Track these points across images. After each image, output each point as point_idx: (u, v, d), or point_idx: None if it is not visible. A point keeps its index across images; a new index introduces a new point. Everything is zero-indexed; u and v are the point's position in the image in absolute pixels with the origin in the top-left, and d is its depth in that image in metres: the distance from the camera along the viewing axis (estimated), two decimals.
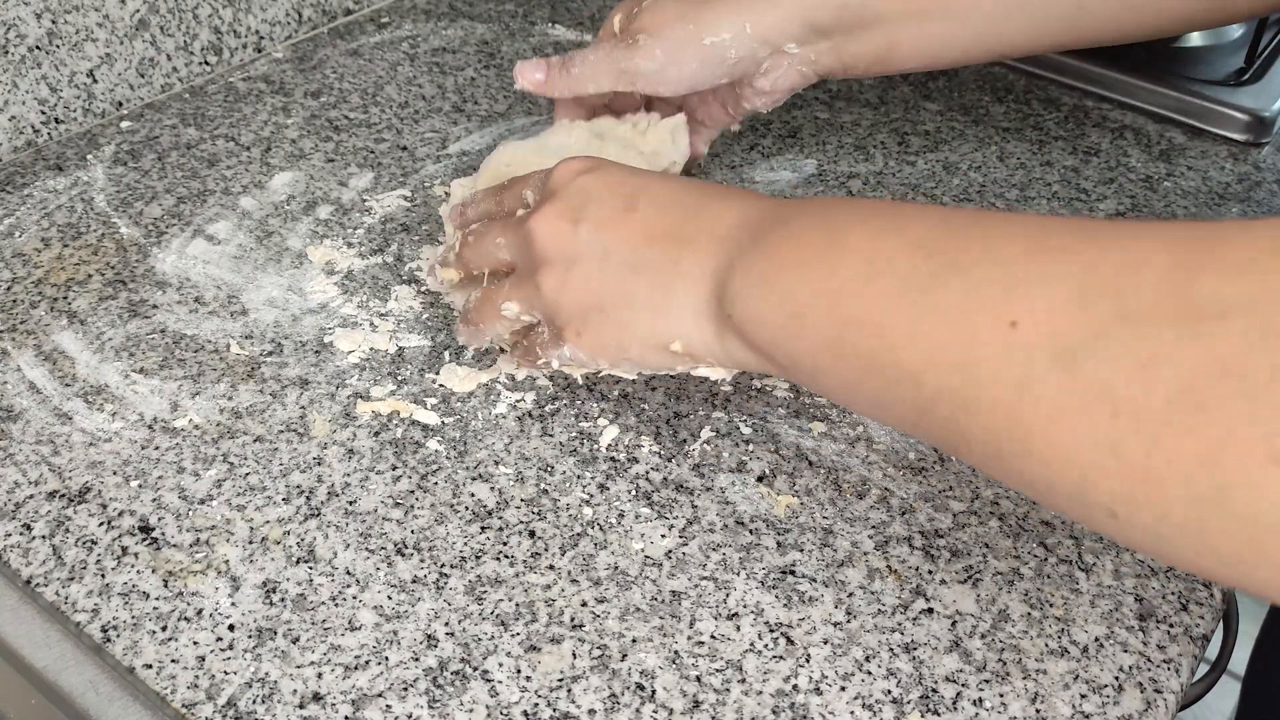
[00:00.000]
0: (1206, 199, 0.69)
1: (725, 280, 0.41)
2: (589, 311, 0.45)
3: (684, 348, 0.44)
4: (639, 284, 0.44)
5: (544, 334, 0.47)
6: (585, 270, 0.45)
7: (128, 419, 0.50)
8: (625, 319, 0.44)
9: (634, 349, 0.45)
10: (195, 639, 0.42)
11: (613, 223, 0.44)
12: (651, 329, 0.44)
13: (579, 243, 0.45)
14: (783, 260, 0.40)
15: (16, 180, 0.65)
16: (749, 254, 0.41)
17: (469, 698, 0.41)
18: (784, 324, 0.39)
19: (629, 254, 0.44)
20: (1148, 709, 0.42)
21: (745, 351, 0.42)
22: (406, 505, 0.47)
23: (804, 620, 0.44)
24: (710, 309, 0.42)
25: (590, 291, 0.45)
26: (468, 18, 0.83)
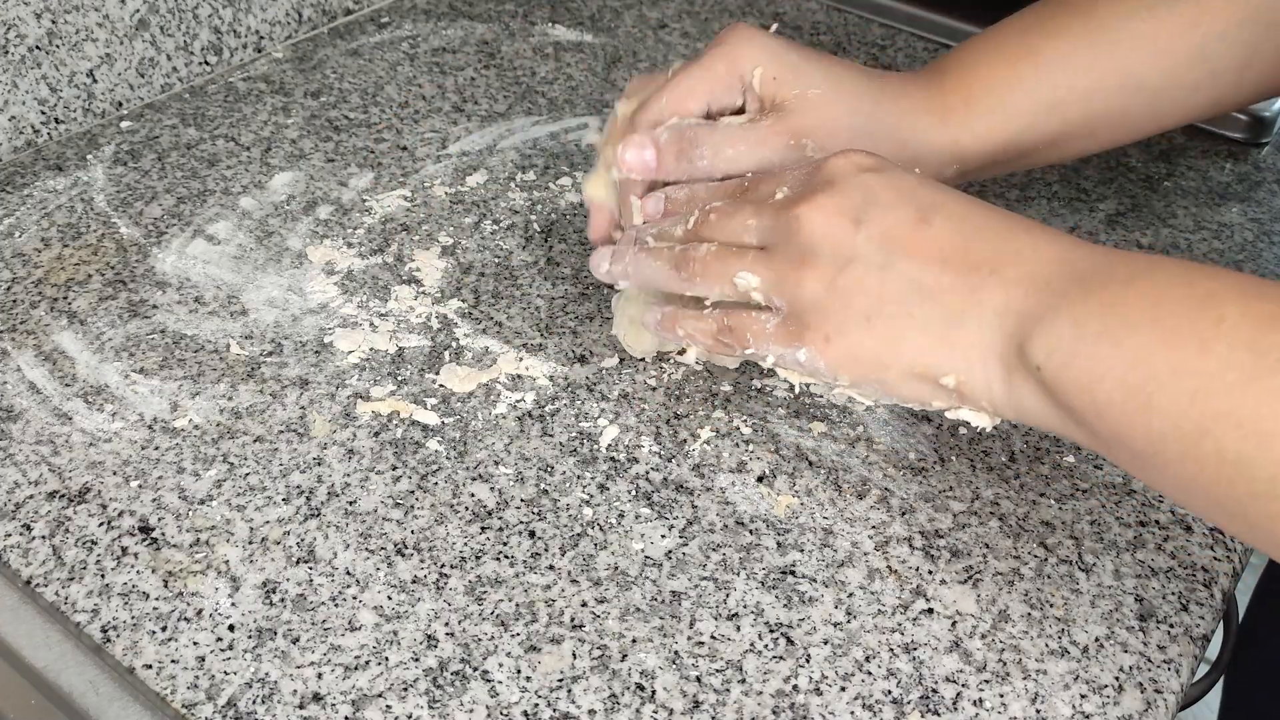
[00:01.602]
0: (1206, 199, 0.69)
1: (1037, 326, 0.37)
2: (852, 320, 0.40)
3: (958, 385, 0.39)
4: (923, 305, 0.39)
5: (769, 325, 0.43)
6: (860, 275, 0.40)
7: (128, 419, 0.50)
8: (895, 338, 0.40)
9: (894, 372, 0.40)
10: (195, 639, 0.42)
11: (901, 234, 0.40)
12: (924, 357, 0.39)
13: (857, 245, 0.40)
14: (1133, 319, 0.34)
15: (16, 180, 0.65)
16: (1080, 302, 0.36)
17: (469, 698, 0.41)
18: (1121, 397, 0.34)
19: (917, 271, 0.39)
20: (1148, 709, 0.42)
21: (1043, 408, 0.37)
22: (406, 505, 0.47)
23: (804, 620, 0.44)
24: (1006, 352, 0.38)
25: (862, 299, 0.40)
26: (468, 18, 0.83)
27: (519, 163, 0.68)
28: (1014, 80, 0.51)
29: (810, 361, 0.41)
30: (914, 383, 0.40)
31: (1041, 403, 0.37)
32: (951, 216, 0.40)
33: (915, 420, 0.52)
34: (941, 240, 0.39)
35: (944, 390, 0.40)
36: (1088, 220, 0.66)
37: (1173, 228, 0.66)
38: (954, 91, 0.51)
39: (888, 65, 0.80)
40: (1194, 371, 0.33)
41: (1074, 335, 0.36)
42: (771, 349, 0.43)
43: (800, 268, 0.41)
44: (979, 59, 0.51)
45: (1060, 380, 0.36)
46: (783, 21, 0.85)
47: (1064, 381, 0.36)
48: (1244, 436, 0.32)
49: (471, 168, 0.67)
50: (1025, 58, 0.51)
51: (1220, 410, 0.32)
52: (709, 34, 0.83)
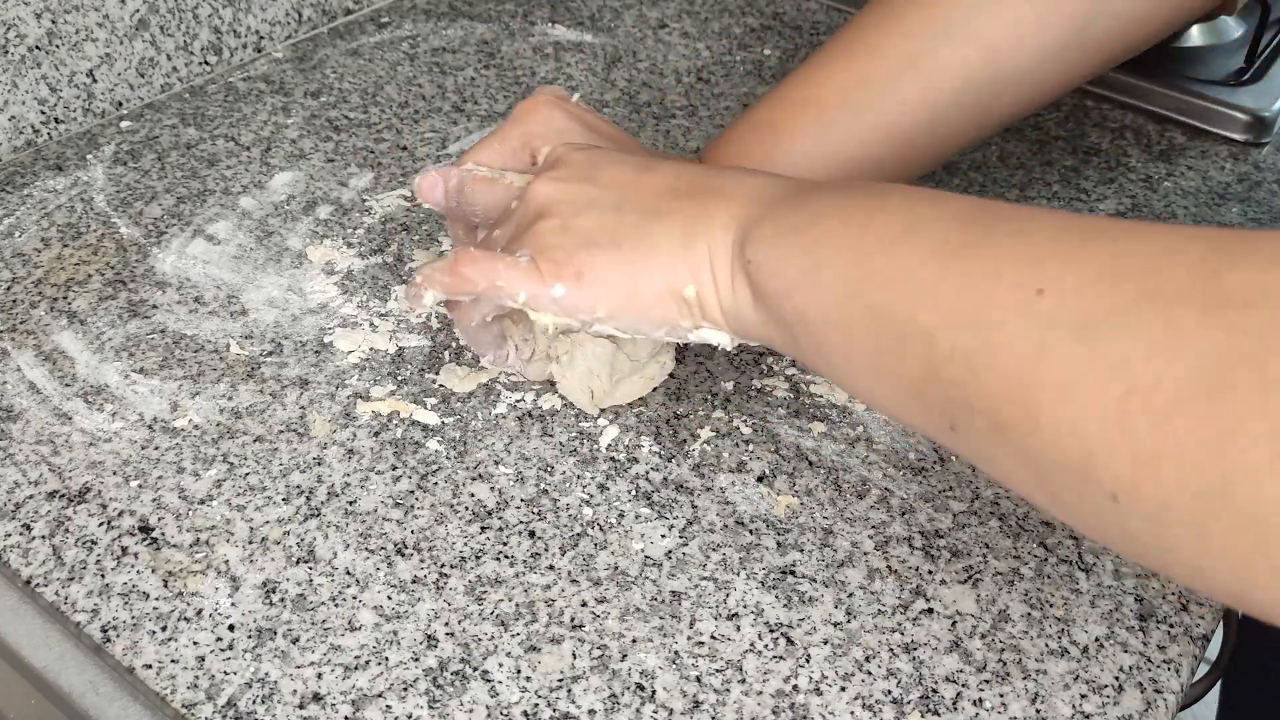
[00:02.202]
0: (1206, 199, 0.69)
1: (752, 228, 0.41)
2: (600, 250, 0.43)
3: (697, 295, 0.42)
4: (659, 228, 0.43)
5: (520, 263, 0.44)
6: (597, 215, 0.43)
7: (128, 419, 0.50)
8: (641, 259, 0.43)
9: (645, 291, 0.43)
10: (195, 639, 0.42)
11: (629, 181, 0.44)
12: (668, 272, 0.42)
13: (588, 194, 0.44)
14: (819, 211, 0.39)
15: (16, 180, 0.65)
16: (783, 205, 0.41)
17: (469, 698, 0.41)
18: (802, 274, 0.39)
19: (650, 203, 0.43)
20: (1148, 709, 0.42)
21: (753, 306, 0.41)
22: (406, 505, 0.47)
23: (804, 620, 0.44)
24: (730, 256, 0.42)
25: (603, 231, 0.43)
26: (468, 18, 0.83)
27: None
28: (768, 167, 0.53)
29: (567, 297, 0.43)
30: (663, 301, 0.43)
31: (752, 302, 0.41)
32: (671, 167, 0.45)
33: None
34: (668, 180, 0.44)
35: (687, 305, 0.43)
36: None
37: None
38: None
39: None
40: (854, 244, 0.37)
41: (774, 231, 0.40)
42: (521, 285, 0.44)
43: (536, 219, 0.44)
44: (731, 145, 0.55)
45: (761, 271, 0.40)
46: (782, 21, 0.85)
47: (763, 271, 0.40)
48: (884, 289, 0.36)
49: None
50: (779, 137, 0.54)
51: (869, 271, 0.36)
52: (709, 34, 0.83)
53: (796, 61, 0.80)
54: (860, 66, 0.53)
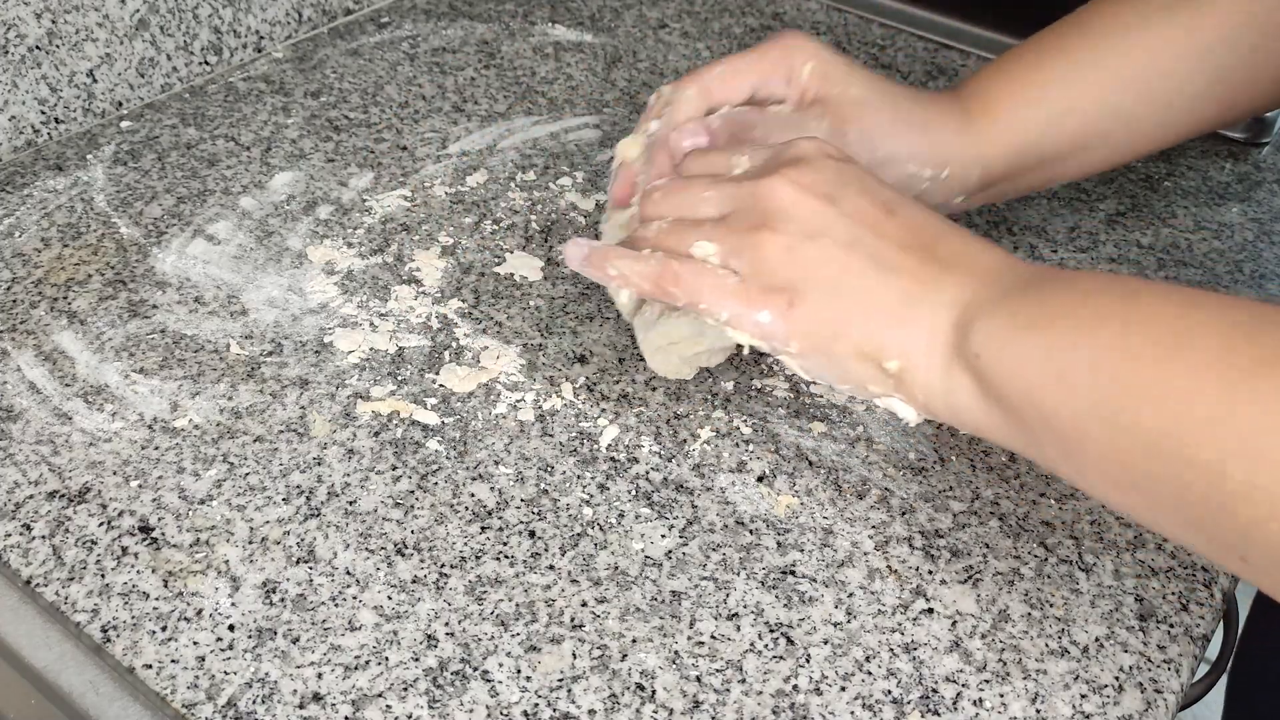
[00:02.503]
0: (1206, 199, 0.69)
1: (978, 316, 0.38)
2: (817, 287, 0.41)
3: (899, 369, 0.40)
4: (884, 284, 0.40)
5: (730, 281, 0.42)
6: (827, 247, 0.41)
7: (128, 419, 0.50)
8: (853, 313, 0.40)
9: (843, 346, 0.41)
10: (195, 639, 0.42)
11: (869, 218, 0.41)
12: (875, 335, 0.40)
13: (829, 219, 0.41)
14: (1061, 308, 0.36)
15: (16, 180, 0.65)
16: (1017, 296, 0.38)
17: (469, 698, 0.41)
18: (1050, 379, 0.36)
19: (882, 251, 0.41)
20: (1148, 709, 0.42)
21: (974, 398, 0.39)
22: (406, 505, 0.47)
23: (804, 620, 0.44)
24: (949, 340, 0.39)
25: (828, 268, 0.41)
26: (468, 17, 0.83)
27: (519, 163, 0.68)
28: (1026, 93, 0.53)
29: (770, 325, 0.42)
30: (861, 362, 0.41)
31: (974, 394, 0.39)
32: (913, 215, 0.42)
33: None
34: (904, 231, 0.41)
35: (884, 375, 0.41)
36: (1088, 220, 0.66)
37: (1173, 228, 0.66)
38: (975, 104, 0.53)
39: (887, 65, 0.80)
40: (1115, 351, 0.34)
41: (1009, 324, 0.37)
42: (729, 307, 0.42)
43: (764, 232, 0.41)
44: (995, 77, 0.54)
45: (993, 367, 0.37)
46: (782, 21, 0.85)
47: (996, 368, 0.37)
48: (1157, 410, 0.33)
49: (471, 168, 0.67)
50: (1035, 73, 0.53)
51: (1137, 385, 0.33)
52: (709, 34, 0.83)
53: None
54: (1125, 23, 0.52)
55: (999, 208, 0.66)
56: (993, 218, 0.66)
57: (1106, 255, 0.64)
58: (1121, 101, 0.53)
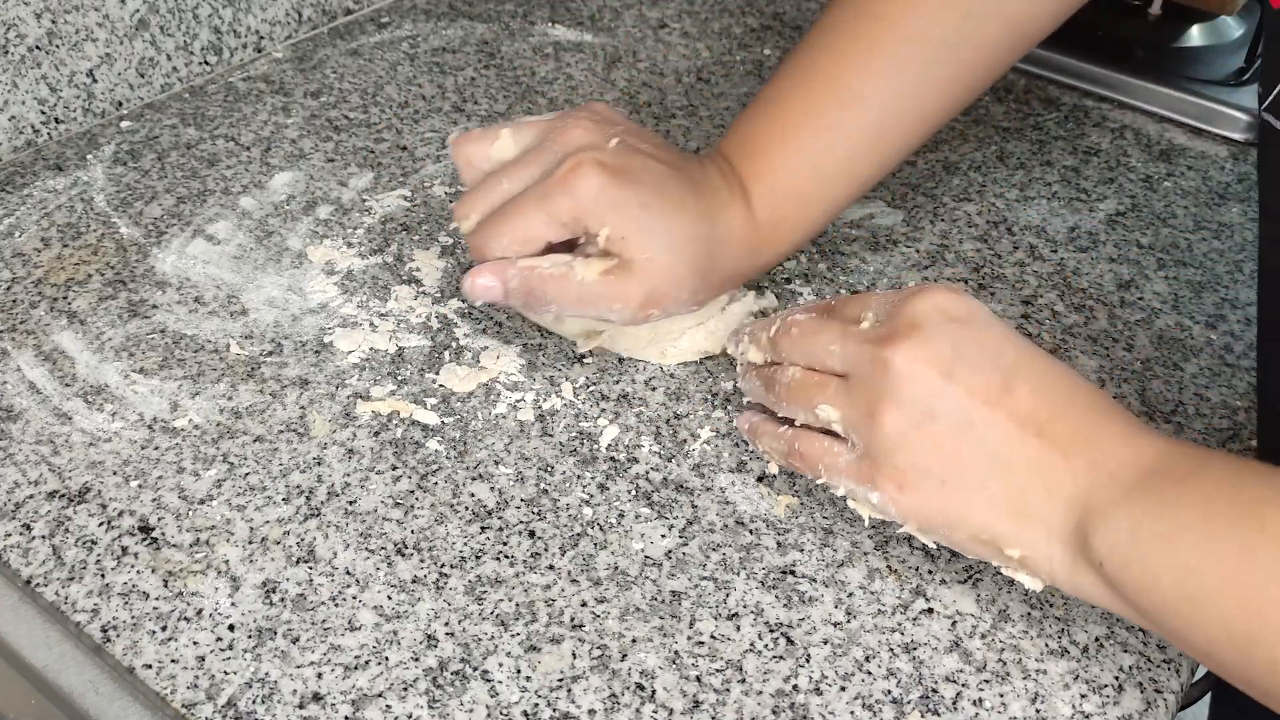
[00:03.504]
0: (1206, 199, 0.69)
1: (1100, 522, 0.38)
2: (926, 476, 0.41)
3: (1021, 558, 0.40)
4: (996, 477, 0.40)
5: (841, 459, 0.43)
6: (940, 432, 0.40)
7: (127, 419, 0.50)
8: (964, 505, 0.40)
9: (960, 534, 0.41)
10: (195, 639, 0.42)
11: (985, 397, 0.40)
12: (992, 527, 0.40)
13: (943, 399, 0.40)
14: (1184, 522, 0.36)
15: (16, 180, 0.65)
16: (1138, 501, 0.37)
17: (469, 698, 0.41)
18: (1178, 602, 0.36)
19: (996, 439, 0.40)
20: (1148, 709, 0.42)
21: (1103, 594, 0.39)
22: (406, 505, 0.47)
23: (804, 620, 0.44)
24: (1071, 539, 0.39)
25: (938, 458, 0.41)
26: (468, 17, 0.84)
27: None
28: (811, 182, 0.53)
29: (882, 504, 0.42)
30: (979, 546, 0.41)
31: (1104, 592, 0.39)
32: (1035, 385, 0.41)
33: None
34: (1023, 410, 0.40)
35: (1007, 558, 0.41)
36: (1088, 220, 0.66)
37: (1173, 228, 0.66)
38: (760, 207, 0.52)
39: None
40: (1241, 581, 0.34)
41: (1132, 537, 0.37)
42: (844, 482, 0.43)
43: (880, 407, 0.41)
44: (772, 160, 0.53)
45: (1121, 579, 0.37)
46: (782, 21, 0.85)
47: (1124, 581, 0.37)
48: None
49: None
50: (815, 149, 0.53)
51: (1269, 620, 0.33)
52: (709, 34, 0.83)
53: None
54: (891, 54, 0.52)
55: (999, 206, 0.66)
56: (993, 217, 0.66)
57: (1106, 255, 0.64)
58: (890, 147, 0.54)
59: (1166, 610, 0.36)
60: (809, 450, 0.45)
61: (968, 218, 0.66)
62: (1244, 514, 0.35)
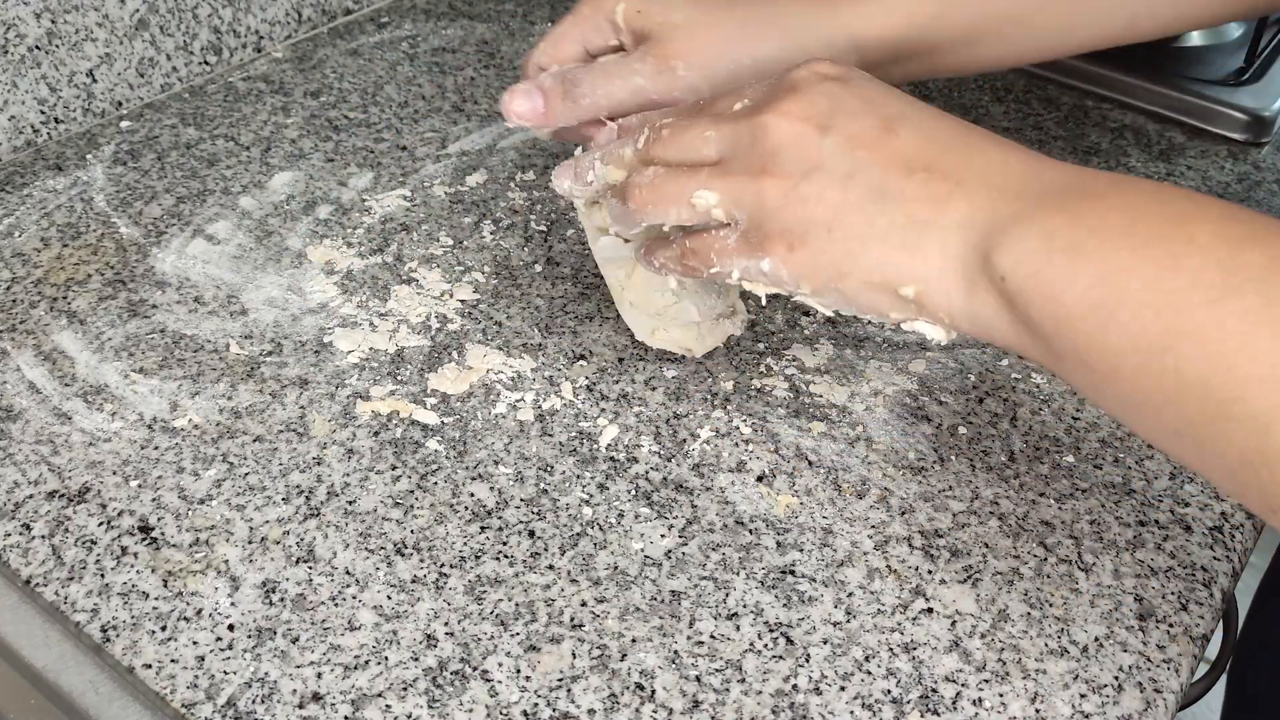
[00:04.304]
0: None
1: (1004, 236, 0.36)
2: (813, 227, 0.39)
3: (916, 295, 0.38)
4: (885, 213, 0.38)
5: (730, 240, 0.41)
6: (822, 183, 0.39)
7: (127, 419, 0.50)
8: (855, 247, 0.38)
9: (852, 282, 0.39)
10: (195, 639, 0.42)
11: (867, 141, 0.39)
12: (885, 265, 0.38)
13: (822, 151, 0.39)
14: (1105, 233, 0.34)
15: (16, 180, 0.65)
16: (1051, 213, 0.35)
17: (469, 698, 0.41)
18: (1085, 310, 0.33)
19: (880, 178, 0.38)
20: (1148, 709, 0.42)
21: (1002, 320, 0.37)
22: (406, 505, 0.47)
23: (804, 620, 0.44)
24: (969, 262, 0.37)
25: (823, 207, 0.39)
26: (468, 17, 0.84)
27: (519, 162, 0.68)
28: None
29: (774, 271, 0.40)
30: (874, 292, 0.39)
31: (1001, 314, 0.37)
32: (919, 127, 0.39)
33: (915, 420, 0.52)
34: (908, 150, 0.38)
35: (902, 300, 0.39)
36: None
37: None
38: None
39: None
40: (1161, 288, 0.32)
41: (1043, 246, 0.35)
42: (735, 263, 0.41)
43: (761, 176, 0.40)
44: None
45: (1025, 291, 0.35)
46: None
47: (1028, 293, 0.35)
48: (1204, 355, 0.31)
49: (471, 167, 0.67)
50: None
51: (1183, 328, 0.31)
52: None
53: None
54: None
55: None
56: None
57: None
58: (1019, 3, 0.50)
59: (1073, 320, 0.34)
60: (698, 243, 0.43)
61: None
62: (1171, 225, 0.33)
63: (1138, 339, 0.32)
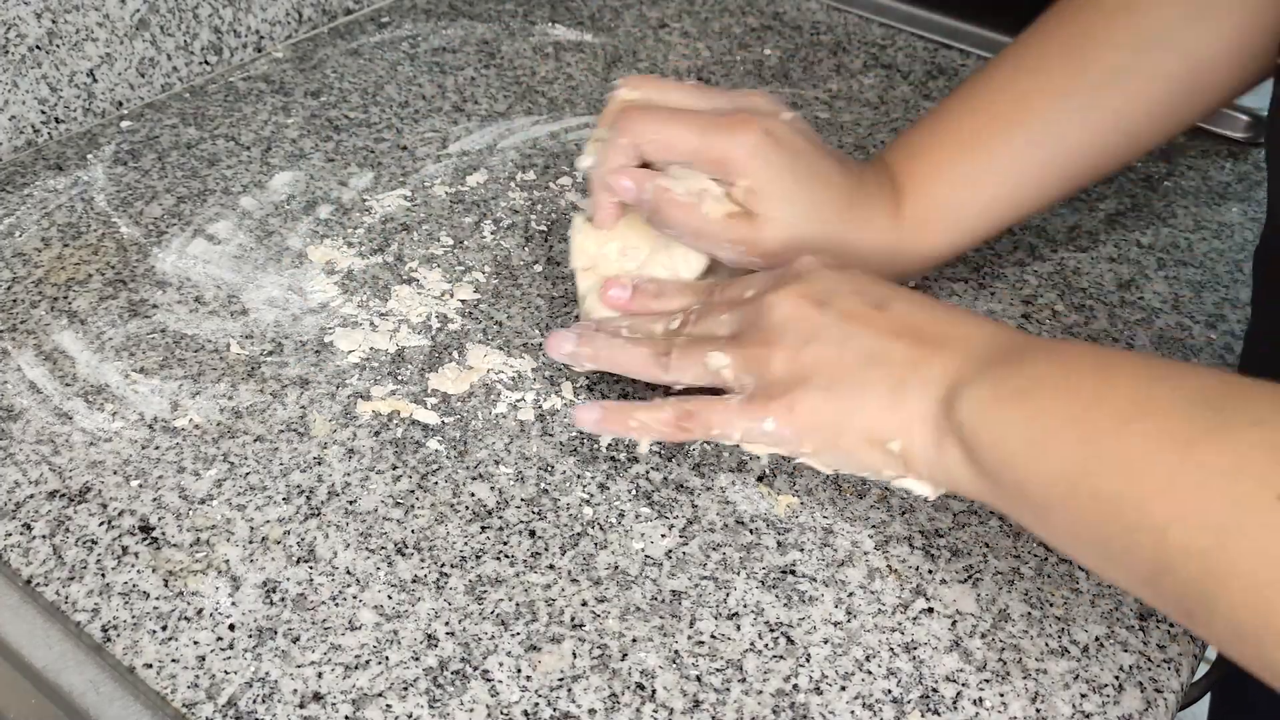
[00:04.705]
0: (1206, 199, 0.69)
1: (964, 389, 0.40)
2: (812, 390, 0.43)
3: (902, 449, 0.42)
4: (874, 375, 0.42)
5: (733, 403, 0.45)
6: (821, 349, 0.43)
7: (128, 419, 0.50)
8: (850, 406, 0.42)
9: (849, 438, 0.43)
10: (195, 639, 0.42)
11: (860, 316, 0.43)
12: (874, 423, 0.42)
13: (821, 324, 0.44)
14: (1040, 378, 0.38)
15: (16, 180, 0.65)
16: (1000, 367, 0.40)
17: (469, 697, 0.41)
18: (1023, 446, 0.38)
19: (871, 343, 0.43)
20: (1148, 709, 0.42)
21: (964, 468, 0.40)
22: (407, 505, 0.47)
23: (804, 620, 0.44)
24: (939, 416, 0.41)
25: (822, 370, 0.43)
26: (468, 17, 0.84)
27: (519, 162, 0.68)
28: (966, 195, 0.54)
29: (776, 430, 0.43)
30: (867, 449, 0.42)
31: (964, 465, 0.40)
32: (908, 305, 0.44)
33: None
34: (895, 322, 0.43)
35: (892, 456, 0.42)
36: (1088, 220, 0.66)
37: (1173, 228, 0.66)
38: (909, 211, 0.54)
39: (888, 65, 0.80)
40: (1082, 421, 0.36)
41: (991, 395, 0.39)
42: (738, 424, 0.44)
43: (768, 346, 0.44)
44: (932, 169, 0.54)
45: (977, 436, 0.39)
46: (782, 21, 0.85)
47: (979, 437, 0.39)
48: (1115, 475, 0.35)
49: (471, 167, 0.67)
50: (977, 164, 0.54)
51: (1100, 453, 0.35)
52: (709, 34, 0.83)
53: (796, 61, 0.80)
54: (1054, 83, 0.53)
55: None
56: None
57: (1106, 255, 0.64)
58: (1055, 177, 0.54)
59: (1014, 457, 0.38)
60: (699, 407, 0.46)
61: None
62: (1096, 373, 0.37)
63: (1065, 467, 0.36)
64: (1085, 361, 0.39)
